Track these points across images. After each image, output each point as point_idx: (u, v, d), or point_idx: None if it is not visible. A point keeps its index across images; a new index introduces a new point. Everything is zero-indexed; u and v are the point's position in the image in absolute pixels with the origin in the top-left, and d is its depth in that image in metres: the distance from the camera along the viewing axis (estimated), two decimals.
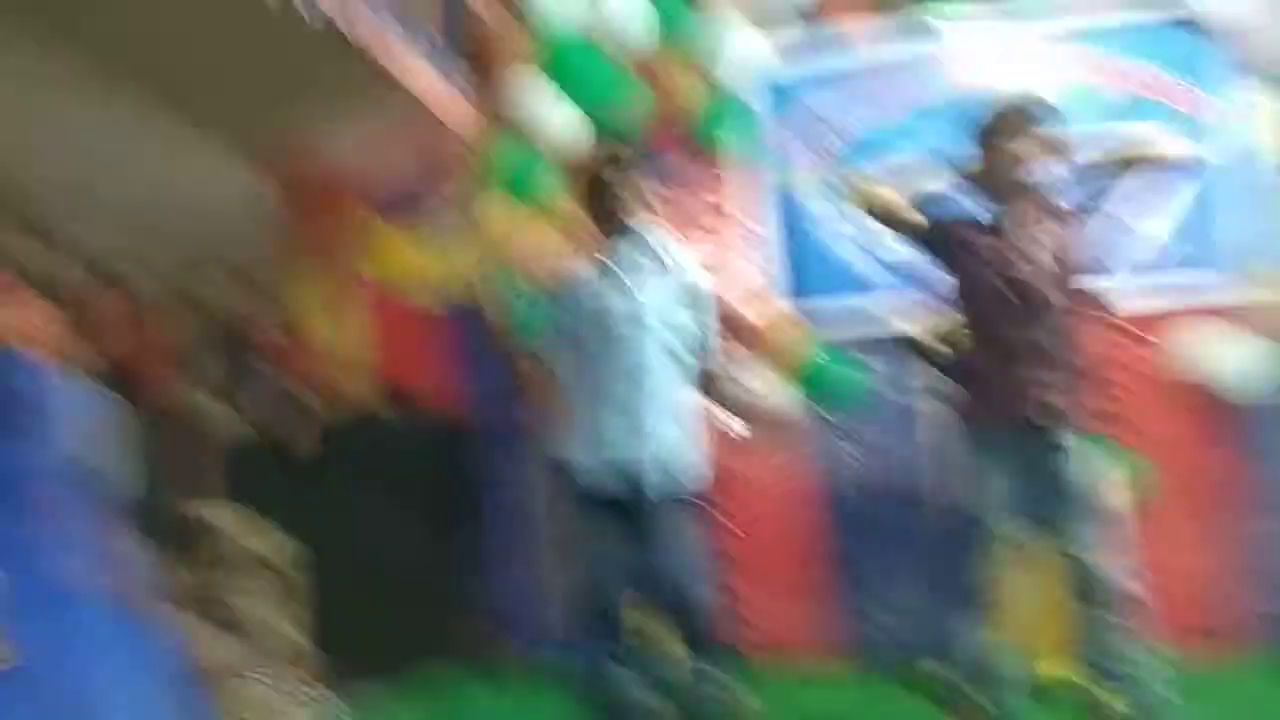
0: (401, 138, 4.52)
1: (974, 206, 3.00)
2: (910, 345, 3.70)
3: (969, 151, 2.97)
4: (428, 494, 4.30)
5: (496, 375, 4.43)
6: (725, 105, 4.25)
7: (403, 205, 4.69)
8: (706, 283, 2.83)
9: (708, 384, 2.86)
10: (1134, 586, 2.71)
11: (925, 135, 4.07)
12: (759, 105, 4.28)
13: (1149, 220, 3.91)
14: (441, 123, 4.50)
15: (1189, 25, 3.98)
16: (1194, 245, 3.92)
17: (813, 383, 4.09)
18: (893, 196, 3.02)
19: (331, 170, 4.78)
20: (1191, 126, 3.79)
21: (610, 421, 2.66)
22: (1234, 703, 3.12)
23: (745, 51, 4.21)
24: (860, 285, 4.19)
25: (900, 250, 4.03)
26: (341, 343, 4.81)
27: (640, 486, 2.64)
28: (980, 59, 4.12)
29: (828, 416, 4.15)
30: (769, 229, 4.29)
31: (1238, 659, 3.60)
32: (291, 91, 3.99)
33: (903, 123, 4.20)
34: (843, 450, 4.17)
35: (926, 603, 3.93)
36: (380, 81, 4.08)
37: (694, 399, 2.71)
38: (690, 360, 2.72)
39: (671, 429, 2.65)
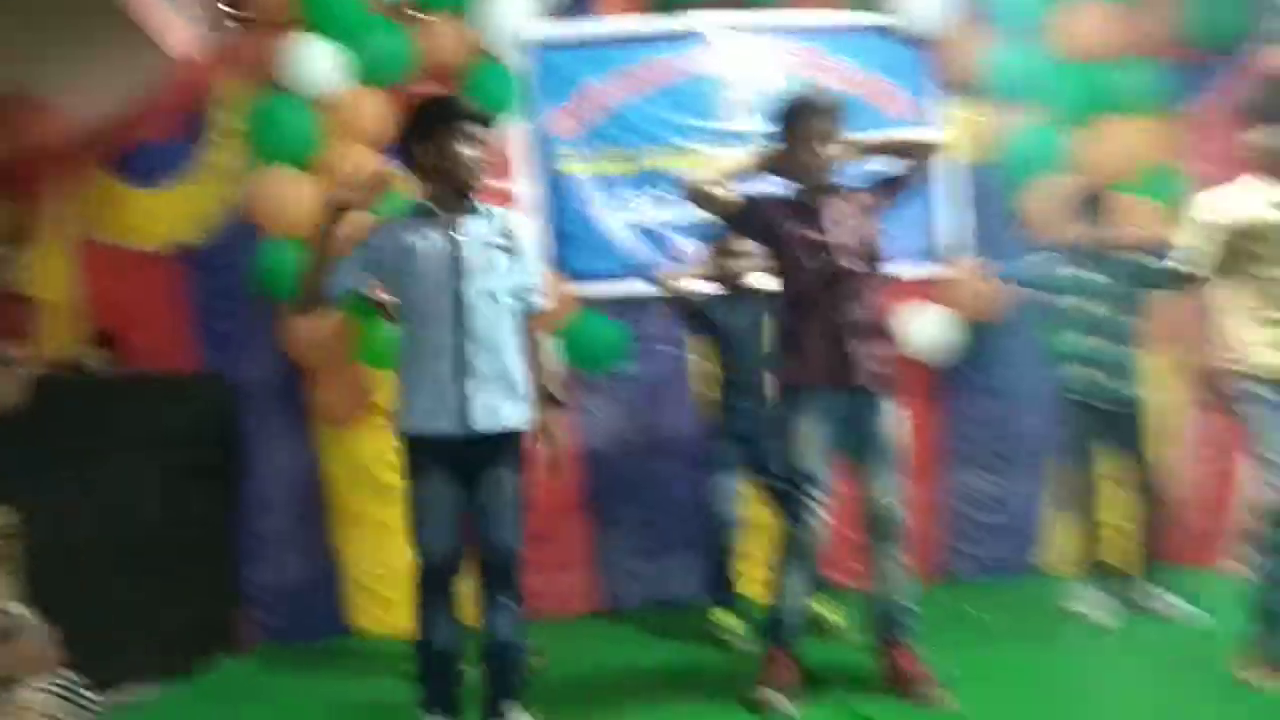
0: (140, 87, 4.19)
1: (783, 189, 3.21)
2: (674, 304, 3.92)
3: (772, 138, 3.15)
4: (161, 450, 3.86)
5: (243, 327, 4.21)
6: (491, 68, 4.27)
7: (141, 157, 4.30)
8: (526, 229, 2.86)
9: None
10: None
11: (674, 114, 4.47)
12: (522, 70, 4.37)
13: None
14: (182, 70, 4.22)
15: (897, 33, 4.54)
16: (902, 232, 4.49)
17: (573, 342, 4.23)
18: (708, 176, 3.17)
19: (61, 122, 4.27)
20: (900, 127, 4.30)
21: (436, 365, 2.64)
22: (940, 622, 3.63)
23: (511, 16, 4.25)
24: (620, 248, 4.42)
25: (661, 217, 4.38)
26: (58, 295, 4.31)
27: (468, 427, 2.63)
28: (725, 51, 4.50)
29: (587, 374, 4.30)
30: (530, 189, 4.37)
31: (938, 587, 4.21)
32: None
33: (654, 100, 4.47)
34: (601, 407, 4.34)
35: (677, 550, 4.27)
36: (117, 24, 3.77)
37: (518, 342, 2.73)
38: (512, 304, 2.74)
39: (498, 370, 2.67)
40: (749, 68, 4.51)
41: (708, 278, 3.84)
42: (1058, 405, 3.87)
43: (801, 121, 3.04)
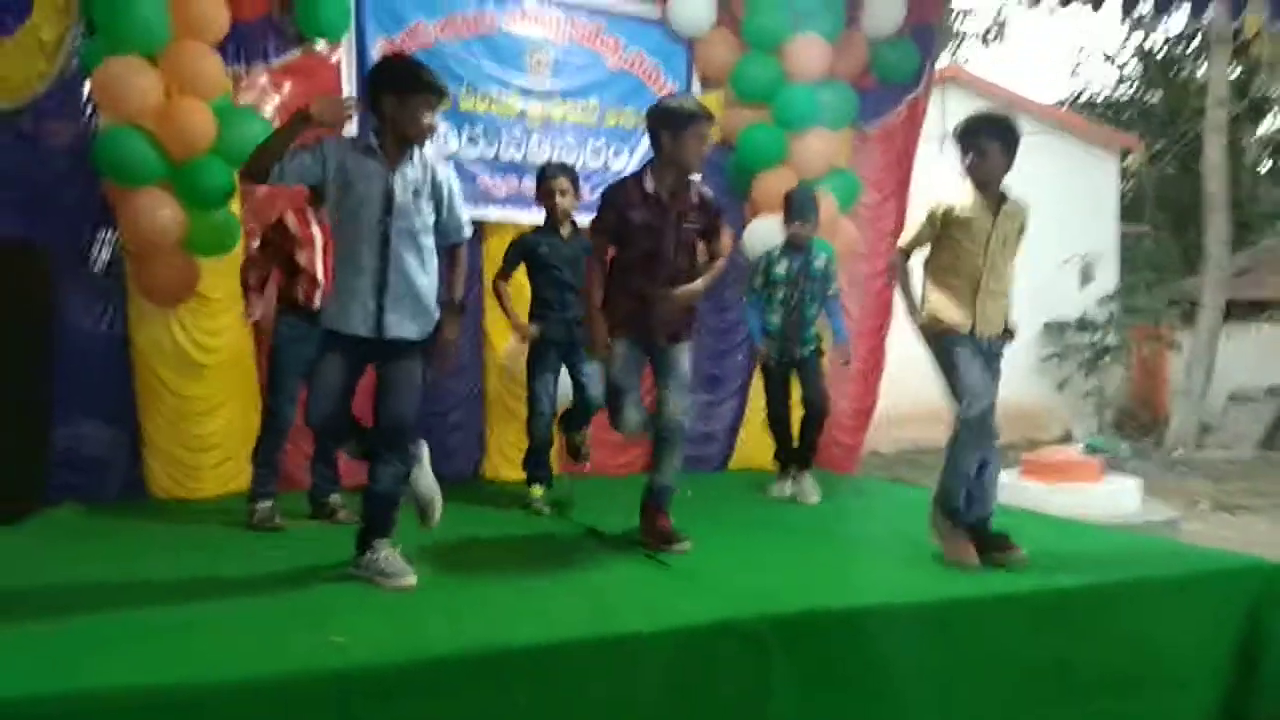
0: None
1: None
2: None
3: (653, 137, 3.63)
4: None
5: (62, 198, 4.35)
6: None
7: None
8: (451, 178, 3.37)
9: None
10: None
11: (488, 63, 5.20)
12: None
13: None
14: None
15: (666, 27, 5.54)
16: None
17: None
18: None
19: None
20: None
21: (359, 281, 3.16)
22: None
23: None
24: None
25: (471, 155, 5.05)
26: None
27: (380, 334, 3.21)
28: (533, 15, 5.29)
29: None
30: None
31: None
32: None
33: (472, 46, 5.15)
34: None
35: None
36: None
37: (431, 267, 3.33)
38: (428, 241, 3.31)
39: (410, 293, 3.22)
40: (550, 33, 5.31)
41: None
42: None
43: (685, 126, 3.56)
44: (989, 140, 3.45)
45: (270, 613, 2.80)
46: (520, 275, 4.62)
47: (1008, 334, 3.63)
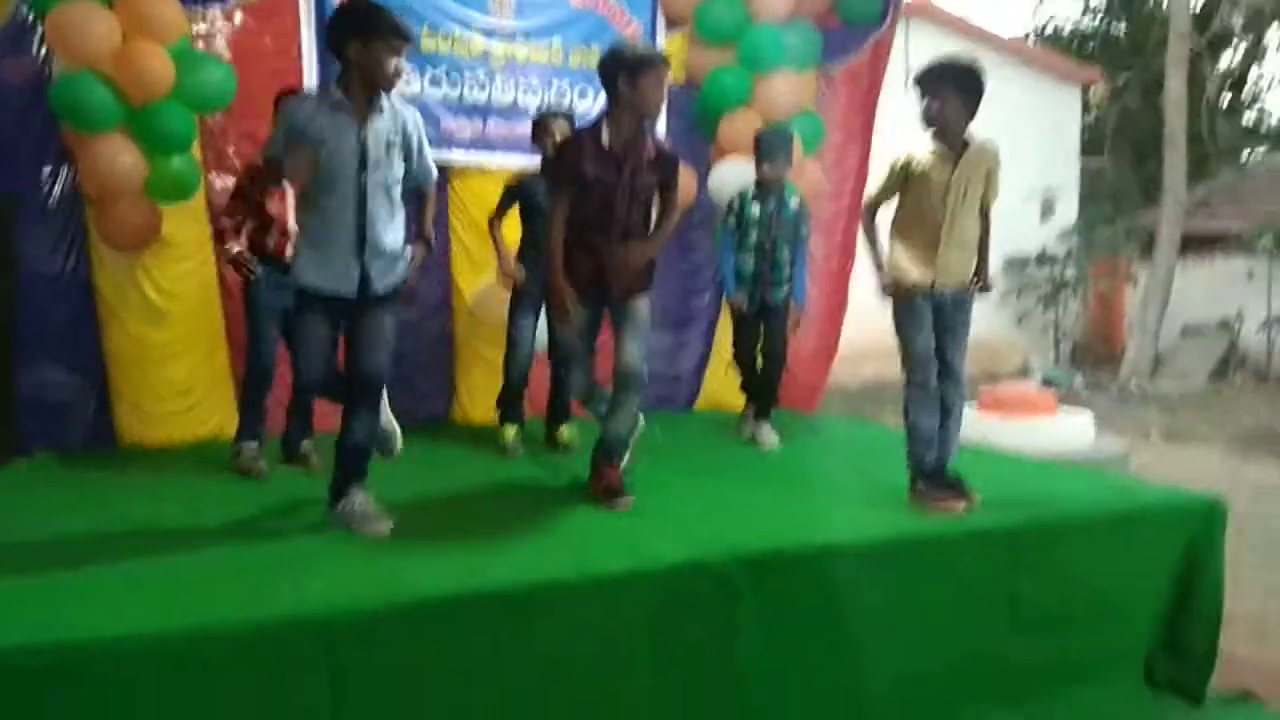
0: None
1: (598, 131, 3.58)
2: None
3: (609, 84, 3.51)
4: None
5: (23, 141, 4.30)
6: None
7: None
8: (419, 125, 3.35)
9: None
10: None
11: (450, 2, 5.13)
12: None
13: None
14: None
15: None
16: None
17: None
18: None
19: None
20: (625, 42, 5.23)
21: (338, 238, 3.16)
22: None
23: None
24: None
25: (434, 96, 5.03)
26: None
27: (363, 291, 3.22)
28: None
29: None
30: (311, 56, 4.78)
31: None
32: None
33: None
34: None
35: None
36: None
37: (400, 220, 3.34)
38: (400, 190, 3.31)
39: (387, 245, 3.23)
40: None
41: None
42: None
43: (639, 75, 3.46)
44: (949, 88, 3.41)
45: (252, 561, 2.86)
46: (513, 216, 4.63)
47: (981, 285, 3.60)
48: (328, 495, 3.30)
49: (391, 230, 3.25)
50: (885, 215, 3.69)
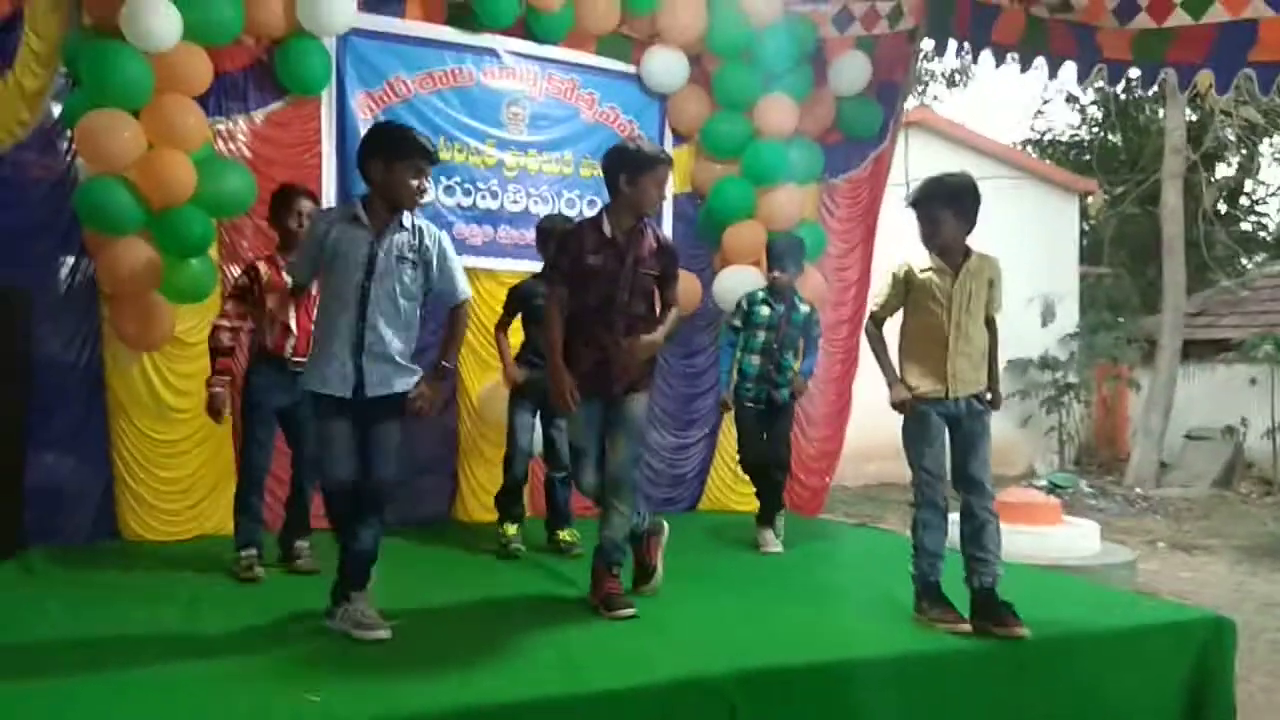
0: None
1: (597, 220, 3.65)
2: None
3: (610, 179, 3.59)
4: None
5: (41, 240, 4.43)
6: (307, 44, 4.77)
7: None
8: (444, 242, 3.40)
9: None
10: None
11: (464, 115, 5.32)
12: (331, 49, 4.93)
13: None
14: None
15: (640, 82, 5.69)
16: None
17: None
18: None
19: None
20: None
21: (339, 342, 3.23)
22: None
23: (336, 4, 4.75)
24: None
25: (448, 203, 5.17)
26: None
27: (359, 394, 3.27)
28: (510, 70, 5.41)
29: None
30: (330, 160, 4.95)
31: None
32: None
33: (449, 99, 5.25)
34: None
35: None
36: None
37: (407, 331, 3.37)
38: (410, 303, 3.34)
39: (387, 352, 3.27)
40: (527, 87, 5.44)
41: None
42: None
43: (643, 171, 3.55)
44: (943, 209, 3.43)
45: (249, 669, 2.84)
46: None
47: (992, 401, 3.57)
48: (328, 600, 3.29)
49: (396, 339, 3.30)
50: (891, 327, 3.67)
